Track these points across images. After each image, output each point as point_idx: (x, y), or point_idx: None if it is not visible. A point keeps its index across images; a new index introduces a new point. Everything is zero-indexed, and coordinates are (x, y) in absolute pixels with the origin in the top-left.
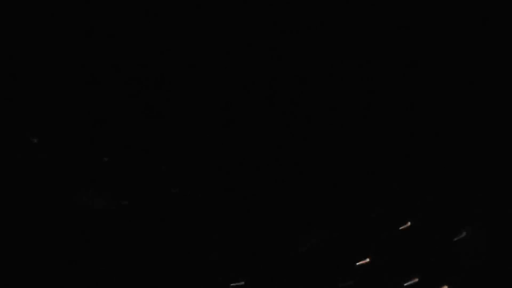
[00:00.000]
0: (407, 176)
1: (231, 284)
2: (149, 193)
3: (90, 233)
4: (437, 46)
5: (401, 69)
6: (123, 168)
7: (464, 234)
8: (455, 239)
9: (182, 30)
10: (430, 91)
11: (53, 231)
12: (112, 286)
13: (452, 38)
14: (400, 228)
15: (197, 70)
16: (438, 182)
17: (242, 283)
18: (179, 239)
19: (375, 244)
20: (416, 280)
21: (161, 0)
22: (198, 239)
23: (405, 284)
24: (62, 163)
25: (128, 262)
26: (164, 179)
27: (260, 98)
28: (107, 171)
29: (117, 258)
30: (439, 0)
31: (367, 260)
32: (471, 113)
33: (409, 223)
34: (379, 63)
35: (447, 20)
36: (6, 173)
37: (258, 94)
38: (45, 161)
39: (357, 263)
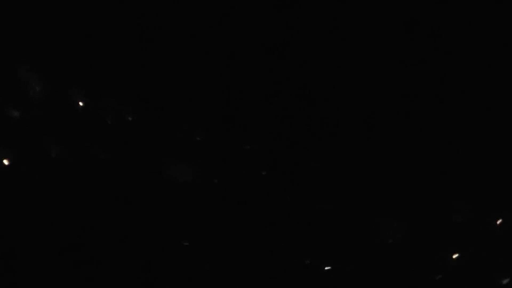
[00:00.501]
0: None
1: None
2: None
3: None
4: (437, 47)
5: (397, 70)
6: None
7: None
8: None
9: (182, 30)
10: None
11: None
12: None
13: (452, 39)
14: None
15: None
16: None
17: None
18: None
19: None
20: None
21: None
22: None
23: None
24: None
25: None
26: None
27: (260, 100)
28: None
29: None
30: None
31: None
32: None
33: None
34: (378, 64)
35: (447, 20)
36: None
37: (258, 95)
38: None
39: None
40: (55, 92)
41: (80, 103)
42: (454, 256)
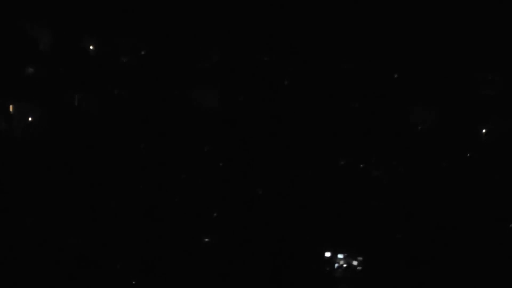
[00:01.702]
0: None
1: None
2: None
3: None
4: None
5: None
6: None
7: None
8: None
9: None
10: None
11: None
12: None
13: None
14: None
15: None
16: None
17: None
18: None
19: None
20: None
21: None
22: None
23: None
24: None
25: None
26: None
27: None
28: None
29: None
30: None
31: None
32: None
33: None
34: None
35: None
36: None
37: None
38: None
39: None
40: (65, 43)
41: (91, 47)
42: (484, 130)
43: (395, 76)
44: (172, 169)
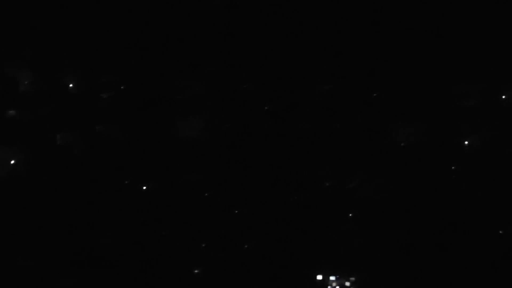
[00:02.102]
0: None
1: None
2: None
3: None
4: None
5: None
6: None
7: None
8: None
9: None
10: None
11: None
12: None
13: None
14: None
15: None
16: None
17: None
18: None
19: None
20: None
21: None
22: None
23: None
24: None
25: None
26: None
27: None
28: None
29: None
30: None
31: None
32: None
33: None
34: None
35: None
36: None
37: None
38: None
39: None
40: (45, 82)
41: (71, 85)
42: (466, 142)
43: (374, 95)
44: (159, 201)
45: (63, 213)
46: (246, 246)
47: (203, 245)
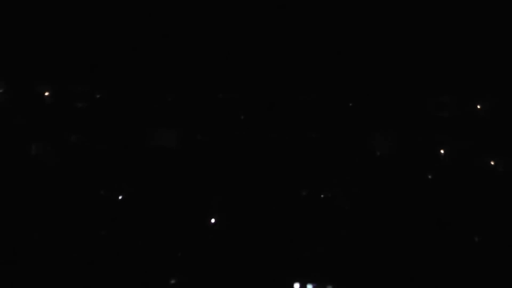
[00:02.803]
0: None
1: None
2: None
3: None
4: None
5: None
6: None
7: None
8: None
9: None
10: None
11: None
12: None
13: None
14: None
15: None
16: None
17: None
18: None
19: None
20: None
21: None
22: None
23: None
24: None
25: None
26: None
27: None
28: None
29: None
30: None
31: None
32: None
33: None
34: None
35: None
36: None
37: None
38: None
39: None
40: (19, 91)
41: (46, 93)
42: (442, 151)
43: (350, 104)
44: (134, 210)
45: (35, 222)
46: (222, 255)
47: (179, 254)
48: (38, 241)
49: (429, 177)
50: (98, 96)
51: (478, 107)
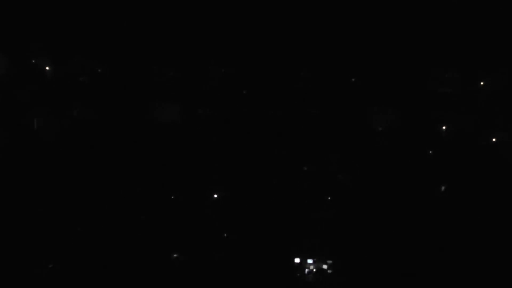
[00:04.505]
0: None
1: None
2: None
3: None
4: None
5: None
6: None
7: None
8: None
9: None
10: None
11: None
12: None
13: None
14: None
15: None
16: None
17: None
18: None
19: None
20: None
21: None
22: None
23: None
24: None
25: None
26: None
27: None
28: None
29: None
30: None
31: None
32: None
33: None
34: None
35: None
36: None
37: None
38: None
39: None
40: (21, 66)
41: (47, 68)
42: (444, 127)
43: (352, 80)
44: (137, 186)
45: (38, 197)
46: (225, 235)
47: (180, 230)
48: (41, 214)
49: (430, 152)
50: (99, 70)
51: (481, 83)
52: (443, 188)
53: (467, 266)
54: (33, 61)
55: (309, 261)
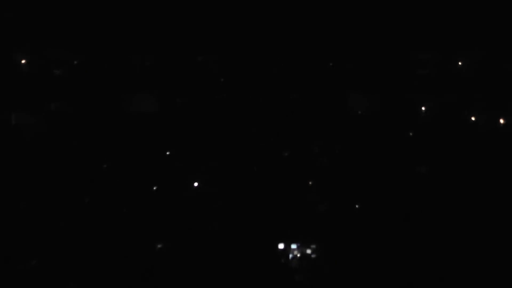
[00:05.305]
0: None
1: None
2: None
3: None
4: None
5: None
6: None
7: None
8: None
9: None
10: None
11: None
12: None
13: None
14: None
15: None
16: None
17: None
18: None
19: None
20: None
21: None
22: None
23: None
24: None
25: None
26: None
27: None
28: None
29: None
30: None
31: None
32: None
33: None
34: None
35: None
36: None
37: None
38: None
39: None
40: None
41: (23, 61)
42: (423, 108)
43: (330, 64)
44: (116, 178)
45: (19, 193)
46: (207, 224)
47: (163, 220)
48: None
49: (410, 134)
50: (75, 62)
51: (460, 63)
52: (424, 169)
53: (452, 251)
54: (8, 55)
55: (293, 246)
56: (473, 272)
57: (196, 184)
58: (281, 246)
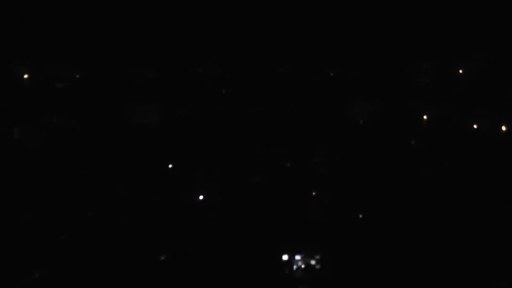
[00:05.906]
0: None
1: None
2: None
3: None
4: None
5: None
6: None
7: None
8: None
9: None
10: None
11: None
12: None
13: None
14: None
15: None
16: None
17: None
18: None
19: None
20: None
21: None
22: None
23: None
24: None
25: None
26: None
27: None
28: None
29: None
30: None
31: None
32: None
33: None
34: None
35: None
36: None
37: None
38: None
39: None
40: None
41: (25, 76)
42: (425, 117)
43: (331, 74)
44: (119, 189)
45: (21, 204)
46: (211, 234)
47: (165, 230)
48: (26, 223)
49: (412, 142)
50: (77, 76)
51: (460, 71)
52: (426, 177)
53: (453, 254)
54: (11, 68)
55: (297, 257)
56: (475, 276)
57: (201, 197)
58: (285, 257)
